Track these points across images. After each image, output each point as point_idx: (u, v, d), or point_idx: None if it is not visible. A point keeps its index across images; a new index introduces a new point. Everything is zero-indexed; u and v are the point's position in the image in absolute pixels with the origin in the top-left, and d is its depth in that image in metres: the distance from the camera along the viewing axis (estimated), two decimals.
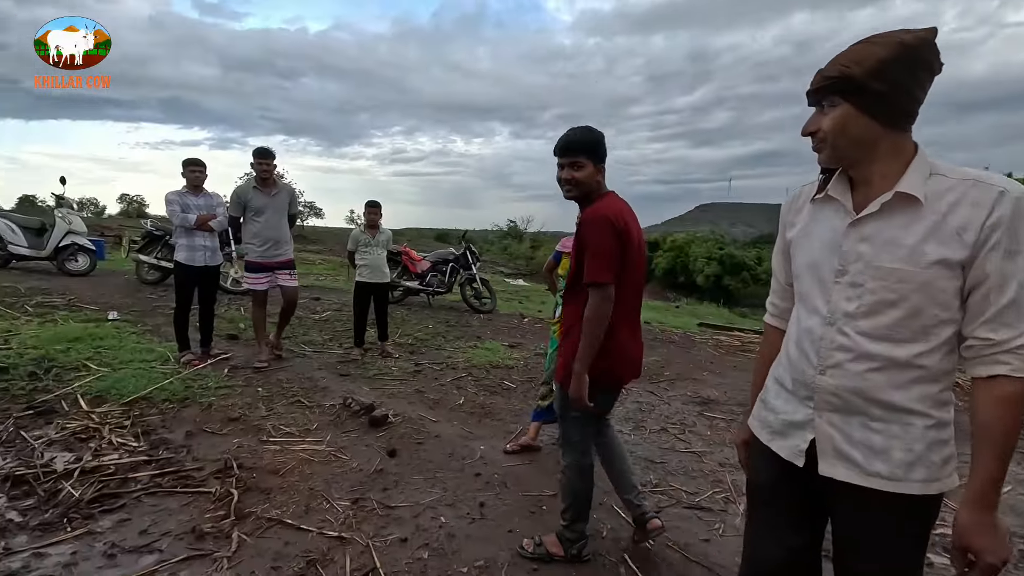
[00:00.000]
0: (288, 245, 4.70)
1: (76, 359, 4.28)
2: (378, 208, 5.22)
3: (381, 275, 5.23)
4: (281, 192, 4.62)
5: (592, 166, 1.99)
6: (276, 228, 4.57)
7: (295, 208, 4.79)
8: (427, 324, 6.76)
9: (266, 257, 4.55)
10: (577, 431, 2.13)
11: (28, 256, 7.73)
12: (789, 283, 1.29)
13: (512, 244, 59.35)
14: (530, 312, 8.78)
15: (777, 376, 1.26)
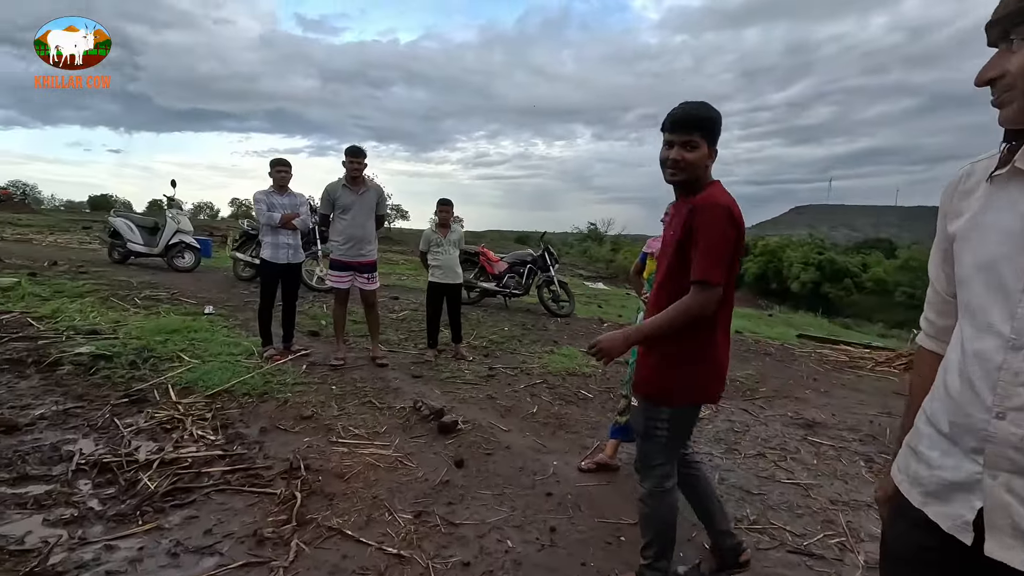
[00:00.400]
0: (371, 246, 4.67)
1: (172, 350, 4.50)
2: (450, 206, 5.12)
3: (454, 275, 5.12)
4: (369, 191, 4.61)
5: (706, 147, 1.70)
6: (362, 227, 4.56)
7: (383, 209, 4.75)
8: (503, 327, 6.61)
9: (349, 256, 4.56)
10: (660, 453, 1.83)
11: (143, 253, 8.46)
12: (951, 293, 0.97)
13: (592, 247, 58.59)
14: (609, 317, 8.41)
15: (931, 415, 0.93)
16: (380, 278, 5.12)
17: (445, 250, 5.07)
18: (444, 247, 5.07)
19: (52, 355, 4.09)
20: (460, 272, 5.22)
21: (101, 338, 4.63)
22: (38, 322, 4.94)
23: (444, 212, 5.11)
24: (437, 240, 5.07)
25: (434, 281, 5.09)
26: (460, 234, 5.21)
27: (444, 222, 5.12)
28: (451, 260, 5.09)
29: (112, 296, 6.02)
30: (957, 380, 0.87)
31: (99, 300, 5.83)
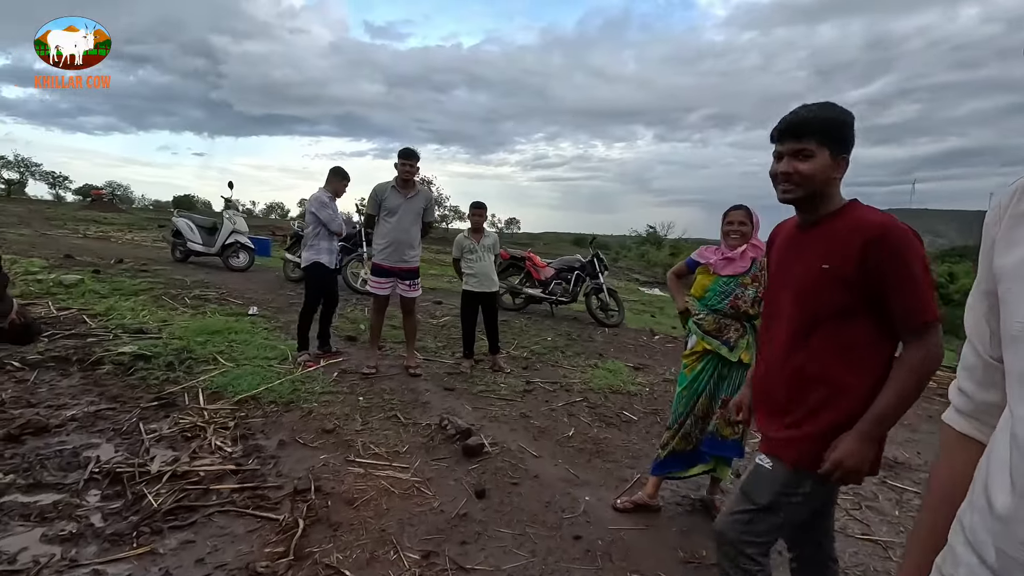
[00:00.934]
0: (415, 252, 4.49)
1: (210, 352, 4.49)
2: (483, 210, 4.86)
3: (489, 283, 4.85)
4: (418, 196, 4.43)
5: (828, 156, 1.36)
6: (406, 232, 4.39)
7: (431, 215, 4.56)
8: (546, 336, 6.31)
9: (391, 261, 4.40)
10: (778, 530, 1.49)
11: (201, 252, 8.75)
12: (997, 356, 0.69)
13: (650, 251, 57.08)
14: (662, 328, 7.92)
15: (971, 534, 0.63)
16: (430, 280, 4.95)
17: (479, 256, 4.81)
18: (478, 253, 4.81)
19: (96, 354, 4.15)
20: (496, 279, 4.95)
21: (145, 338, 4.70)
22: (91, 319, 5.09)
23: (477, 216, 4.87)
24: (470, 246, 4.83)
25: (468, 290, 4.85)
26: (495, 239, 4.95)
27: (477, 227, 4.87)
28: (486, 267, 4.83)
29: (164, 295, 6.18)
30: (1007, 488, 0.58)
31: (151, 299, 5.99)
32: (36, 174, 54.66)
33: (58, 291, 5.91)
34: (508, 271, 7.70)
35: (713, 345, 2.53)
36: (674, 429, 2.65)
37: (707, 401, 2.57)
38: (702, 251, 2.67)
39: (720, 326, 2.53)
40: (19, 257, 7.45)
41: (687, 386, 2.62)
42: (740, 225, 2.53)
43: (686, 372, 2.64)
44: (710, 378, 2.56)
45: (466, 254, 4.81)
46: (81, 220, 19.13)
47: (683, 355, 2.71)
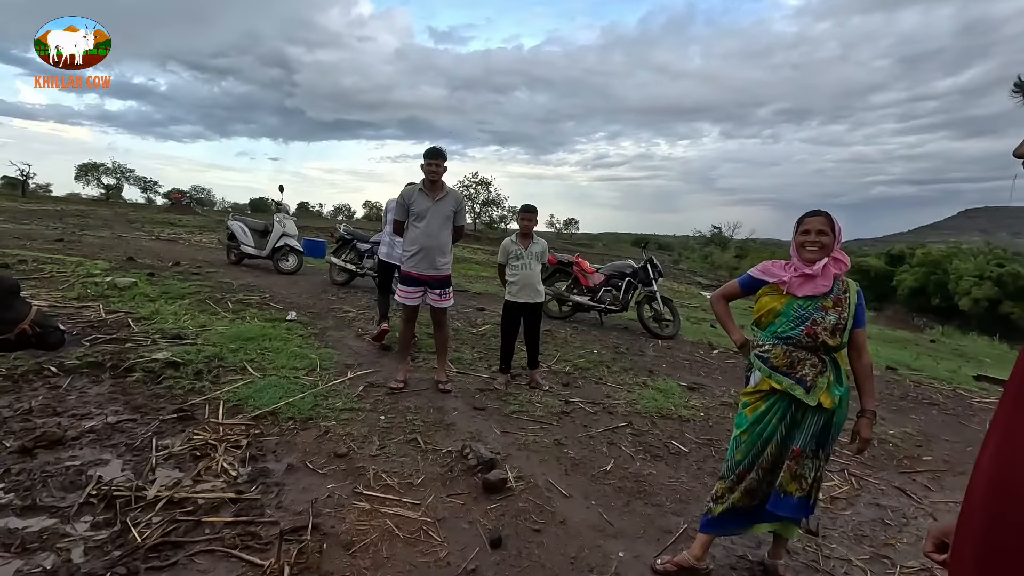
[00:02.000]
0: (445, 259, 4.21)
1: (241, 360, 4.40)
2: (533, 214, 4.49)
3: (534, 293, 4.48)
4: (447, 198, 4.15)
5: None
6: (435, 237, 4.11)
7: (462, 219, 4.26)
8: (592, 348, 5.87)
9: (419, 268, 4.14)
10: None
11: (253, 255, 8.89)
12: None
13: (715, 252, 54.90)
14: (722, 341, 7.27)
15: None
16: (479, 283, 4.67)
17: (526, 264, 4.45)
18: (524, 260, 4.45)
19: (129, 361, 4.13)
20: (541, 290, 4.57)
21: (181, 343, 4.67)
22: (136, 323, 5.14)
23: (526, 220, 4.50)
24: (517, 252, 4.47)
25: (511, 300, 4.50)
26: (544, 246, 4.57)
27: (526, 232, 4.51)
28: (531, 276, 4.47)
29: (209, 298, 6.22)
30: None
31: (196, 302, 6.03)
32: (130, 179, 59.50)
33: (111, 294, 6.06)
34: (554, 277, 7.31)
35: (784, 384, 2.06)
36: (730, 480, 2.19)
37: (776, 451, 2.10)
38: (767, 267, 2.19)
39: (792, 360, 2.06)
40: (86, 259, 7.79)
41: (748, 429, 2.16)
42: (819, 235, 2.04)
43: (747, 413, 2.18)
44: (780, 423, 2.09)
45: (511, 260, 4.46)
46: (158, 223, 20.34)
47: (743, 392, 2.25)
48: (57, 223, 15.84)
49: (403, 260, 4.24)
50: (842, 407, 2.09)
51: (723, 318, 2.41)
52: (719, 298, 2.42)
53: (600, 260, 39.10)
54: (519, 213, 4.49)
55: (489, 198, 68.39)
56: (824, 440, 2.10)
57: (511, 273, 4.47)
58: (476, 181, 66.27)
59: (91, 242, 10.91)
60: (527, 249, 4.43)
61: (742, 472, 2.16)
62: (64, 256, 7.84)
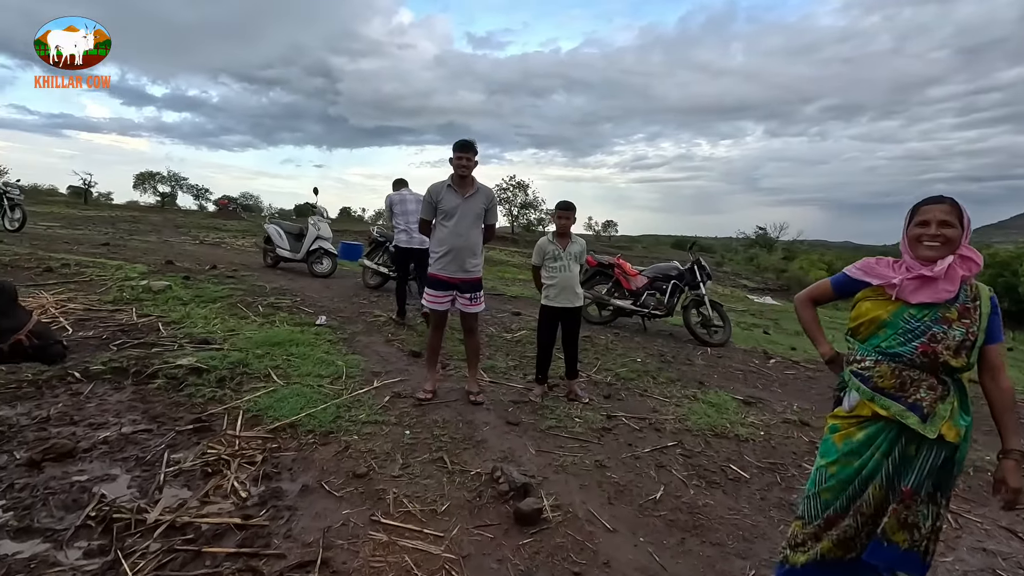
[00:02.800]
0: (476, 260, 3.92)
1: (266, 366, 4.22)
2: (571, 212, 4.14)
3: (573, 297, 4.13)
4: (478, 194, 3.86)
5: None
6: (464, 236, 3.83)
7: (493, 217, 3.96)
8: (635, 356, 5.46)
9: (448, 271, 3.86)
10: None
11: (288, 258, 8.84)
12: None
13: (760, 254, 53.06)
14: (778, 348, 6.73)
15: None
16: (515, 286, 4.38)
17: (564, 266, 4.10)
18: (562, 262, 4.10)
19: (153, 366, 4.00)
20: (580, 293, 4.22)
21: (207, 348, 4.54)
22: (165, 327, 5.05)
23: (564, 219, 4.15)
24: (554, 252, 4.13)
25: (548, 304, 4.16)
26: (583, 246, 4.21)
27: (564, 231, 4.16)
28: (570, 279, 4.12)
29: (241, 302, 6.12)
30: None
31: (228, 306, 5.94)
32: (184, 187, 62.34)
33: (146, 297, 6.03)
34: (594, 279, 6.92)
35: (892, 410, 1.65)
36: (816, 525, 1.80)
37: (880, 493, 1.69)
38: (869, 265, 1.77)
39: (903, 381, 1.64)
40: (126, 263, 7.88)
41: (838, 461, 1.76)
42: (942, 227, 1.62)
43: (836, 440, 1.78)
44: (885, 458, 1.68)
45: (548, 261, 4.13)
46: (204, 227, 20.92)
47: (832, 415, 1.85)
48: (109, 228, 16.45)
49: (431, 262, 3.97)
50: (966, 441, 1.67)
51: (809, 325, 2.00)
52: (805, 301, 2.01)
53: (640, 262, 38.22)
54: (555, 211, 4.16)
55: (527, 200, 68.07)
56: (944, 480, 1.68)
57: (548, 275, 4.13)
58: (513, 184, 66.09)
59: (135, 246, 11.16)
60: (565, 249, 4.08)
61: (833, 517, 1.76)
62: (106, 260, 7.96)
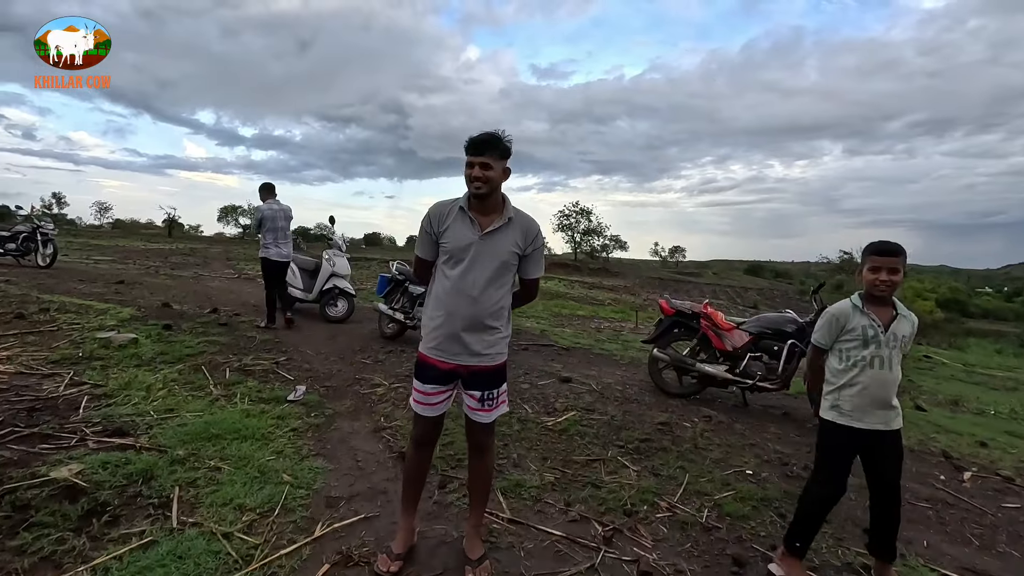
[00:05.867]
0: (497, 335, 2.27)
1: (178, 480, 2.84)
2: (899, 258, 2.25)
3: (887, 412, 2.31)
4: (508, 228, 2.22)
5: None
6: (477, 297, 2.20)
7: (536, 267, 2.33)
8: (741, 463, 3.55)
9: (445, 353, 2.25)
10: None
11: (301, 299, 7.58)
12: None
13: (848, 280, 48.25)
14: (961, 446, 4.56)
15: None
16: (569, 328, 3.19)
17: (881, 356, 2.28)
18: (882, 348, 2.28)
19: (12, 481, 2.69)
20: (899, 407, 2.35)
21: (115, 445, 3.20)
22: (89, 403, 3.80)
23: (887, 271, 2.24)
24: (866, 330, 2.28)
25: (841, 423, 2.33)
26: (914, 325, 2.34)
27: (885, 292, 2.26)
28: (887, 380, 2.28)
29: (208, 364, 4.81)
30: None
31: (189, 370, 4.63)
32: None
33: (101, 354, 4.86)
34: (671, 334, 5.10)
35: None
36: None
37: None
38: None
39: None
40: (114, 307, 6.87)
41: None
42: None
43: None
44: None
45: (849, 345, 2.32)
46: (252, 259, 20.61)
47: None
48: (156, 262, 16.22)
49: (422, 333, 2.39)
50: None
51: None
52: None
53: (712, 292, 35.14)
54: (867, 256, 2.28)
55: (590, 227, 66.20)
56: None
57: (845, 368, 2.33)
58: (577, 210, 64.46)
59: (155, 283, 10.37)
60: (888, 329, 2.27)
61: None
62: (97, 303, 7.00)
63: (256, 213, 6.55)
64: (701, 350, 4.91)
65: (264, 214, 6.48)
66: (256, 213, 6.55)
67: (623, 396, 4.74)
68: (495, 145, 2.17)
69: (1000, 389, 9.69)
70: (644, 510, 2.89)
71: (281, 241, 6.53)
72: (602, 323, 11.84)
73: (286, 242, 6.62)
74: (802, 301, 44.29)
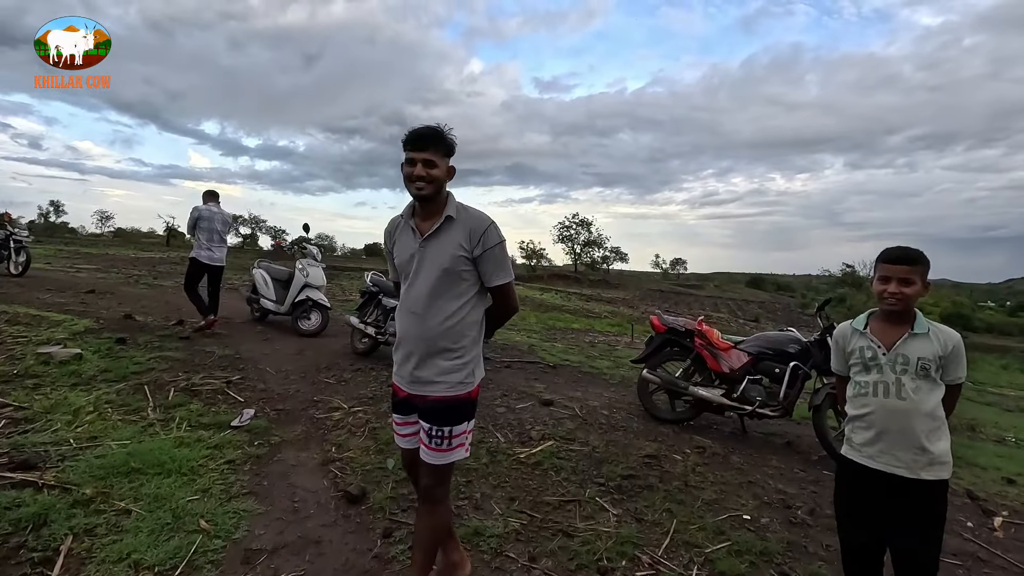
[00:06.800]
0: (451, 357, 1.89)
1: (73, 528, 2.42)
2: (916, 267, 1.84)
3: (913, 453, 1.82)
4: (451, 229, 1.89)
5: None
6: (420, 312, 1.89)
7: (494, 270, 1.92)
8: (738, 507, 3.12)
9: (400, 378, 1.97)
10: None
11: (273, 312, 7.16)
12: None
13: (850, 294, 47.82)
14: (986, 482, 4.11)
15: None
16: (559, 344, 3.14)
17: (886, 383, 1.89)
18: (882, 372, 1.90)
19: None
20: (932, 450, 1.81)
21: (14, 481, 2.77)
22: (13, 426, 3.39)
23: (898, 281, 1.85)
24: (864, 351, 1.96)
25: (853, 459, 1.96)
26: (951, 344, 1.85)
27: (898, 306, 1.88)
28: (905, 411, 1.83)
29: (154, 382, 4.39)
30: None
31: (130, 389, 4.21)
32: (263, 228, 65.91)
33: (39, 371, 4.43)
34: (663, 353, 4.66)
35: None
36: None
37: None
38: None
39: None
40: (75, 317, 6.46)
41: None
42: None
43: None
44: None
45: (855, 369, 1.98)
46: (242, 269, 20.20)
47: None
48: (143, 270, 15.82)
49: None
50: None
51: None
52: None
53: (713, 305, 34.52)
54: (877, 264, 1.93)
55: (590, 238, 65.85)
56: None
57: (853, 396, 1.96)
58: (576, 221, 64.23)
59: (129, 293, 9.95)
60: (890, 349, 1.86)
61: None
62: (55, 313, 6.58)
63: (193, 213, 6.44)
64: (695, 371, 4.46)
65: (201, 214, 6.39)
66: (193, 213, 6.44)
67: (608, 423, 4.29)
68: (439, 139, 1.87)
69: (1015, 411, 9.23)
70: (622, 566, 2.45)
71: (215, 245, 6.47)
72: (596, 337, 11.39)
73: (220, 247, 6.56)
74: (804, 315, 43.49)
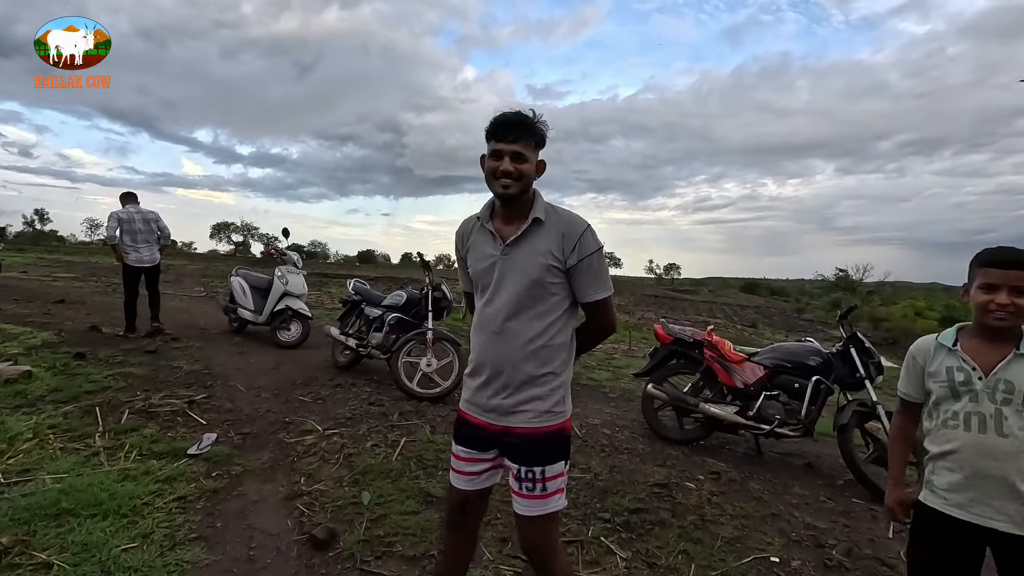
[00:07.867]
0: (545, 384, 1.55)
1: None
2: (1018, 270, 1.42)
3: (1011, 500, 1.40)
4: (540, 233, 1.57)
5: None
6: (503, 329, 1.58)
7: (592, 283, 1.57)
8: (761, 543, 2.75)
9: (477, 406, 1.64)
10: None
11: (251, 322, 6.74)
12: None
13: (844, 298, 47.76)
14: None
15: None
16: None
17: (983, 415, 1.45)
18: (980, 401, 1.45)
19: None
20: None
21: None
22: None
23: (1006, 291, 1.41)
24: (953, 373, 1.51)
25: (936, 508, 1.52)
26: None
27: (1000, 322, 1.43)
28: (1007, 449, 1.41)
29: (108, 403, 3.97)
30: None
31: (80, 412, 3.78)
32: (255, 236, 65.48)
33: None
34: (668, 365, 4.29)
35: None
36: None
37: None
38: None
39: None
40: (35, 329, 6.02)
41: None
42: None
43: None
44: None
45: (941, 395, 1.52)
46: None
47: None
48: None
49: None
50: None
51: None
52: None
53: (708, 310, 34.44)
54: (977, 269, 1.48)
55: None
56: None
57: (935, 428, 1.55)
58: None
59: (102, 303, 9.48)
60: (989, 373, 1.43)
61: None
62: (13, 326, 6.14)
63: (111, 219, 6.20)
64: (705, 386, 4.08)
65: (120, 216, 6.18)
66: (111, 219, 6.20)
67: (611, 444, 3.90)
68: (531, 129, 1.56)
69: None
70: None
71: (140, 246, 6.25)
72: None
73: (146, 246, 6.32)
74: (800, 320, 43.02)
